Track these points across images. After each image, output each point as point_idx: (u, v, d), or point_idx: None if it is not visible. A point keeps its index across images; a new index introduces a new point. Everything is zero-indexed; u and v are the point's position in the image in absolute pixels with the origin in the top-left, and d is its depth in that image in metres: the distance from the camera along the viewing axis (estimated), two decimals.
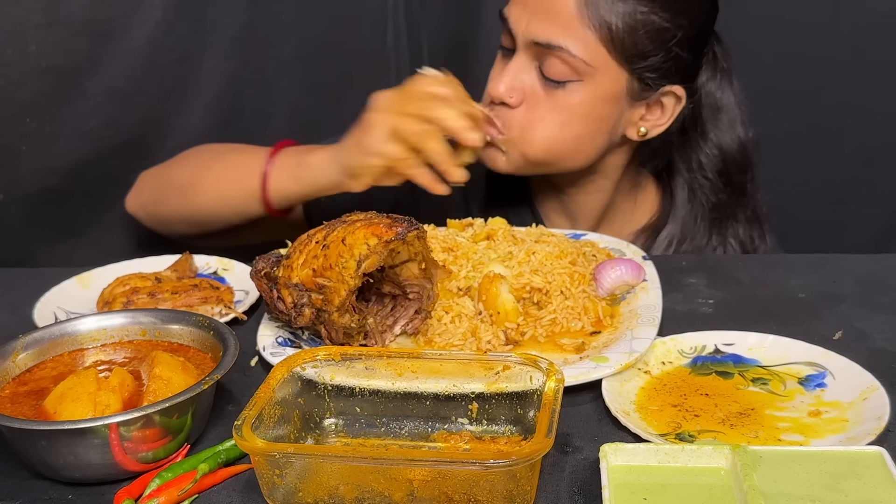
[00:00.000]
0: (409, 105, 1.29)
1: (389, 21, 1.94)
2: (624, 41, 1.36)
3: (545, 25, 1.36)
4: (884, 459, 0.83)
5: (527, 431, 0.93)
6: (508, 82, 1.41)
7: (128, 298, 1.21)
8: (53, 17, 1.65)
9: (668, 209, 1.58)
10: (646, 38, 1.37)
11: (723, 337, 1.10)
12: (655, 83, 1.42)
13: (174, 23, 1.75)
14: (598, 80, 1.38)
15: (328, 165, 1.37)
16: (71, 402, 0.90)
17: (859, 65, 1.89)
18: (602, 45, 1.36)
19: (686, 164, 1.57)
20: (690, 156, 1.56)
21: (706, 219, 1.56)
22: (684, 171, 1.57)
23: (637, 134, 1.47)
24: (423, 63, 2.01)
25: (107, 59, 1.71)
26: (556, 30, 1.36)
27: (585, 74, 1.37)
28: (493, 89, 1.41)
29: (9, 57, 1.64)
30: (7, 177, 1.72)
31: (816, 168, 1.98)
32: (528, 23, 1.38)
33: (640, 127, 1.47)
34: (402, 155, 1.28)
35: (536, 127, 1.41)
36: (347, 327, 1.05)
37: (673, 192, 1.58)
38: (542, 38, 1.36)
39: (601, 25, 1.35)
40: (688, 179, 1.57)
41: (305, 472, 0.83)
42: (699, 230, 1.56)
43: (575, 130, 1.42)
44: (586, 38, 1.35)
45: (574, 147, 1.44)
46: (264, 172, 1.42)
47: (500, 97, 1.41)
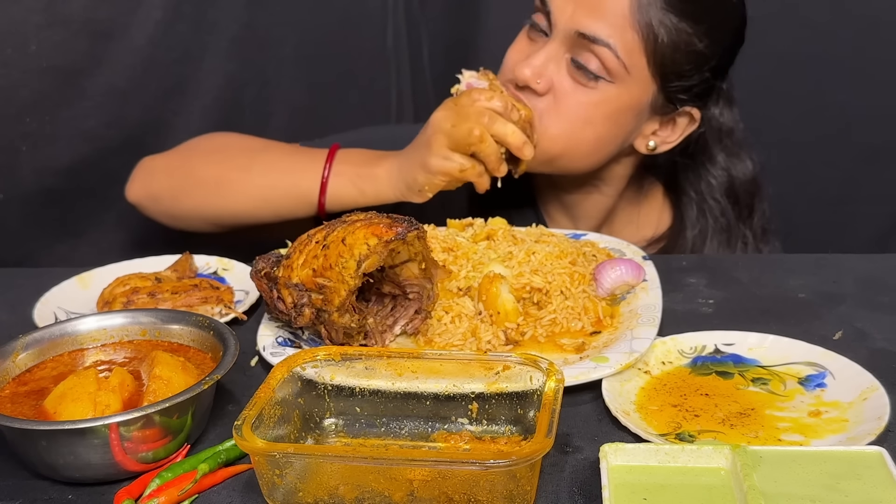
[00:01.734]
0: (468, 122, 1.31)
1: (389, 21, 1.94)
2: (664, 55, 1.36)
3: (594, 18, 1.35)
4: (884, 459, 0.83)
5: (527, 431, 0.93)
6: (537, 67, 1.38)
7: (128, 298, 1.21)
8: (53, 17, 1.65)
9: (678, 229, 1.58)
10: (684, 59, 1.38)
11: (723, 337, 1.10)
12: (680, 102, 1.43)
13: (174, 23, 1.75)
14: (628, 85, 1.37)
15: (393, 180, 1.38)
16: (71, 402, 0.90)
17: (860, 65, 1.90)
18: (643, 53, 1.35)
19: (694, 186, 1.56)
20: (699, 178, 1.56)
21: (715, 239, 1.55)
22: (692, 192, 1.57)
23: (646, 147, 1.47)
24: (423, 63, 2.01)
25: (107, 59, 1.72)
26: (604, 26, 1.34)
27: (618, 77, 1.36)
28: (519, 72, 1.39)
29: (9, 57, 1.64)
30: (7, 177, 1.72)
31: (816, 168, 1.98)
32: (575, 12, 1.36)
33: (651, 141, 1.47)
34: (466, 167, 1.33)
35: (560, 120, 1.39)
36: (347, 327, 1.05)
37: (683, 214, 1.58)
38: (589, 31, 1.34)
39: (648, 33, 1.34)
40: (696, 201, 1.56)
41: (305, 472, 0.83)
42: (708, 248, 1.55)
43: (596, 131, 1.41)
44: (632, 42, 1.35)
45: (591, 148, 1.43)
46: (324, 180, 1.41)
47: (526, 81, 1.39)
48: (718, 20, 1.40)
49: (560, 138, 1.40)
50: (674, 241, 1.57)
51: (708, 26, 1.37)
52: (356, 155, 1.45)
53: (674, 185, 1.59)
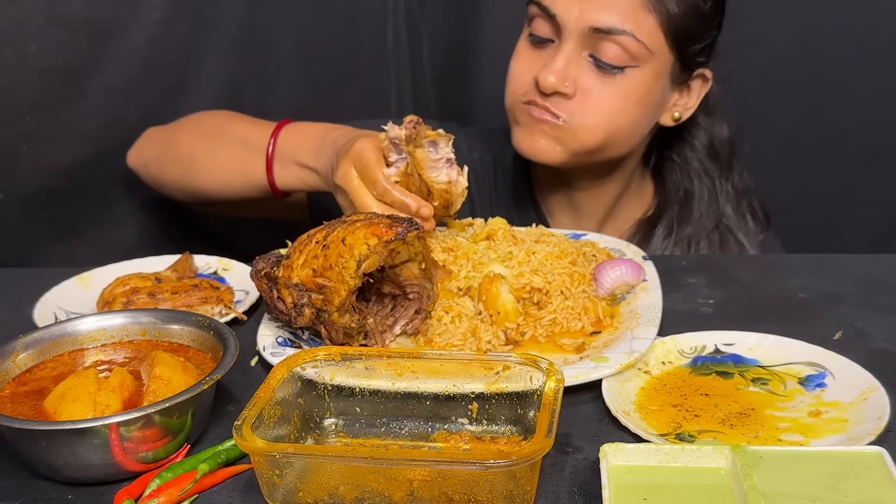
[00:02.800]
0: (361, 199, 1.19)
1: (389, 21, 1.94)
2: (678, 25, 1.38)
3: (604, 11, 1.36)
4: (884, 459, 0.83)
5: (527, 431, 0.93)
6: (560, 72, 1.39)
7: (128, 298, 1.21)
8: (53, 17, 1.65)
9: (664, 196, 1.60)
10: (695, 23, 1.40)
11: (723, 337, 1.10)
12: (695, 66, 1.46)
13: (174, 23, 1.75)
14: (652, 64, 1.40)
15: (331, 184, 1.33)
16: (71, 402, 0.90)
17: (859, 65, 1.90)
18: (660, 30, 1.38)
19: (677, 151, 1.59)
20: (682, 143, 1.58)
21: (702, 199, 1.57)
22: (675, 157, 1.59)
23: (671, 119, 1.50)
24: (423, 63, 2.01)
25: (107, 59, 1.71)
26: (618, 15, 1.36)
27: (642, 59, 1.38)
28: (544, 80, 1.39)
29: (9, 57, 1.64)
30: (7, 177, 1.72)
31: (817, 168, 1.98)
32: (583, 10, 1.37)
33: (675, 112, 1.49)
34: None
35: (596, 114, 1.40)
36: (347, 327, 1.05)
37: (666, 180, 1.60)
38: (604, 24, 1.36)
39: (660, 9, 1.37)
40: (679, 164, 1.59)
41: (305, 472, 0.83)
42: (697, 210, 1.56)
43: (632, 115, 1.43)
44: (648, 23, 1.37)
45: (629, 132, 1.45)
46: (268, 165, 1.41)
47: (553, 88, 1.39)
48: None
49: (598, 130, 1.42)
50: (661, 208, 1.59)
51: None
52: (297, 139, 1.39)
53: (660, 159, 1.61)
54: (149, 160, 1.60)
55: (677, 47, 1.41)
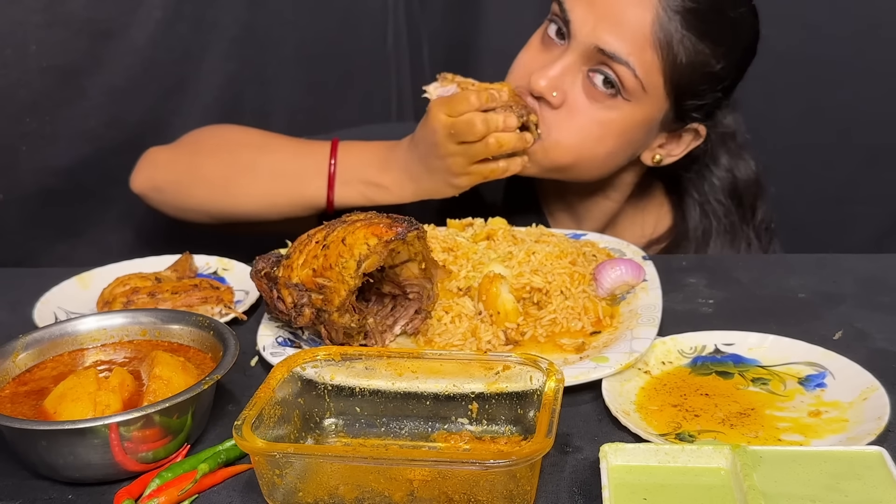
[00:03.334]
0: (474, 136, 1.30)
1: (389, 21, 1.94)
2: (682, 75, 1.35)
3: (615, 35, 1.33)
4: (884, 459, 0.83)
5: (527, 431, 0.93)
6: (554, 79, 1.37)
7: (128, 298, 1.21)
8: (53, 17, 1.65)
9: (681, 231, 1.57)
10: (700, 79, 1.37)
11: (723, 337, 1.10)
12: (689, 119, 1.43)
13: (174, 23, 1.75)
14: (642, 103, 1.36)
15: (407, 192, 1.38)
16: (71, 402, 0.90)
17: (860, 66, 1.90)
18: (661, 73, 1.34)
19: (697, 187, 1.56)
20: (702, 180, 1.56)
21: (719, 241, 1.55)
22: (695, 193, 1.56)
23: (651, 160, 1.47)
24: (423, 63, 2.01)
25: (107, 59, 1.72)
26: (625, 44, 1.32)
27: (634, 95, 1.35)
28: (535, 83, 1.37)
29: (9, 57, 1.64)
30: (7, 177, 1.72)
31: (816, 168, 1.98)
32: (596, 27, 1.34)
33: (656, 154, 1.46)
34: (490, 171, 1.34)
35: (573, 135, 1.38)
36: (347, 327, 1.05)
37: (685, 215, 1.57)
38: (609, 48, 1.33)
39: (668, 53, 1.33)
40: (699, 202, 1.56)
41: (305, 472, 0.83)
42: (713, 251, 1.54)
43: (608, 146, 1.40)
44: (650, 61, 1.33)
45: (600, 162, 1.42)
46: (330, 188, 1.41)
47: (541, 92, 1.37)
48: (736, 41, 1.40)
49: (571, 151, 1.39)
50: (677, 242, 1.57)
51: (726, 48, 1.37)
52: (358, 154, 1.43)
53: (675, 185, 1.59)
54: (164, 185, 1.52)
55: (674, 96, 1.38)
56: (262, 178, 1.46)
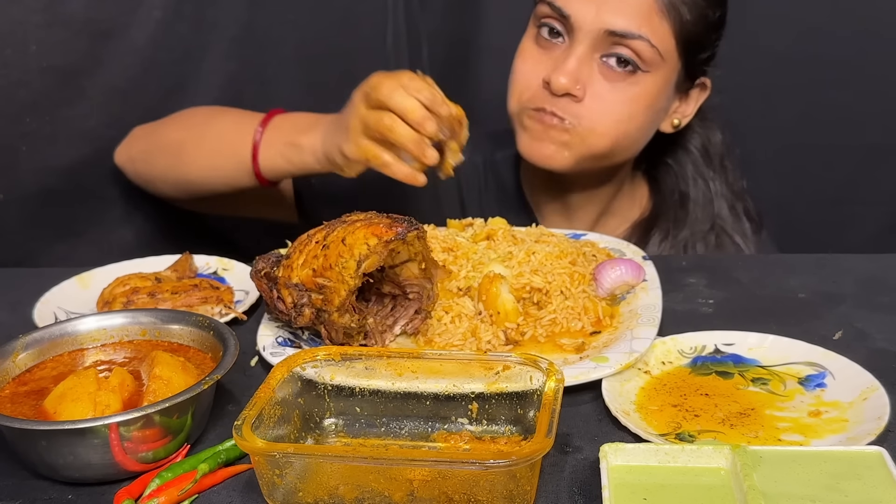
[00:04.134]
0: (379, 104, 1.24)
1: (389, 21, 1.94)
2: (689, 32, 1.38)
3: (620, 14, 1.35)
4: (884, 459, 0.83)
5: (527, 431, 0.93)
6: (573, 73, 1.37)
7: (128, 298, 1.21)
8: (53, 17, 1.65)
9: (658, 198, 1.59)
10: (704, 31, 1.40)
11: (723, 337, 1.10)
12: (698, 74, 1.46)
13: (174, 23, 1.75)
14: (663, 70, 1.39)
15: (318, 154, 1.36)
16: (71, 402, 0.90)
17: (860, 65, 1.90)
18: (672, 36, 1.37)
19: (672, 154, 1.58)
20: (676, 146, 1.58)
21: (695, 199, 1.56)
22: (670, 161, 1.59)
23: (671, 125, 1.50)
24: (423, 63, 2.01)
25: (107, 59, 1.71)
26: (634, 19, 1.35)
27: (654, 65, 1.37)
28: (556, 82, 1.37)
29: (9, 57, 1.64)
30: (7, 177, 1.72)
31: (816, 168, 1.98)
32: (599, 11, 1.36)
33: (674, 119, 1.49)
34: (381, 158, 1.25)
35: (606, 119, 1.39)
36: (347, 327, 1.05)
37: (660, 183, 1.60)
38: (619, 28, 1.35)
39: (674, 15, 1.36)
40: (675, 169, 1.58)
41: (305, 472, 0.83)
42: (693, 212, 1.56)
43: (640, 121, 1.42)
44: (660, 27, 1.36)
45: (636, 138, 1.45)
46: (254, 147, 1.41)
47: (564, 89, 1.37)
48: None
49: (608, 135, 1.41)
50: (656, 212, 1.58)
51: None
52: (290, 121, 1.43)
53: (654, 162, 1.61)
54: (136, 155, 1.60)
55: (686, 54, 1.41)
56: (207, 144, 1.49)
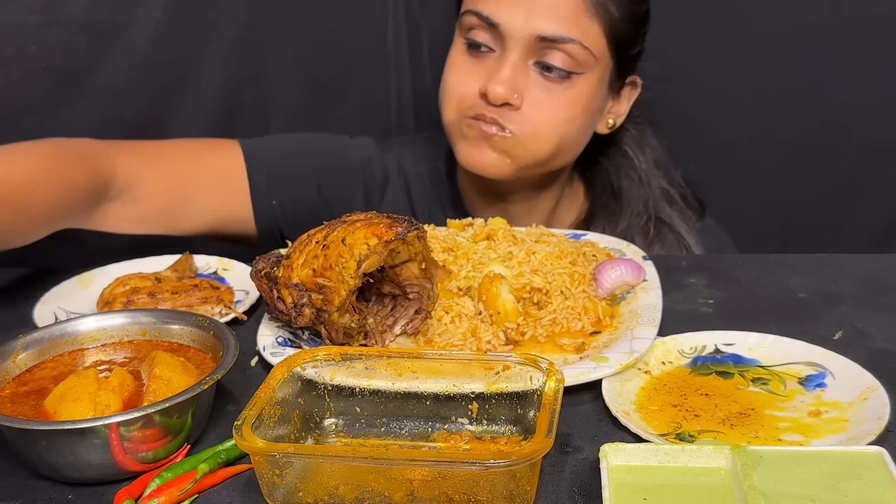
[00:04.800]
0: None
1: (389, 21, 1.94)
2: (619, 30, 1.38)
3: (551, 19, 1.35)
4: (884, 459, 0.83)
5: (527, 431, 0.93)
6: (508, 82, 1.37)
7: (128, 298, 1.21)
8: (53, 17, 1.65)
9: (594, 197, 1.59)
10: (632, 27, 1.40)
11: (723, 337, 1.10)
12: (628, 72, 1.46)
13: (174, 23, 1.75)
14: (596, 70, 1.39)
15: None
16: (71, 402, 0.90)
17: (860, 65, 1.89)
18: (604, 36, 1.37)
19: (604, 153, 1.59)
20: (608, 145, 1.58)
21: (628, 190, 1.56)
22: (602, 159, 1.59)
23: (606, 126, 1.49)
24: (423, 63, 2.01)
25: (107, 59, 1.71)
26: (564, 22, 1.34)
27: (587, 66, 1.37)
28: (492, 92, 1.37)
29: (9, 57, 1.64)
30: None
31: (817, 168, 1.98)
32: (528, 17, 1.35)
33: (608, 119, 1.49)
34: None
35: (546, 124, 1.39)
36: (347, 327, 1.05)
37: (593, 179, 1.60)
38: (551, 33, 1.34)
39: (604, 14, 1.36)
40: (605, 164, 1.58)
41: (305, 472, 0.83)
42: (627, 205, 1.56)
43: (579, 123, 1.42)
44: (592, 29, 1.36)
45: (576, 140, 1.44)
46: None
47: (502, 98, 1.37)
48: None
49: (549, 142, 1.40)
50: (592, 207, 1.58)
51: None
52: None
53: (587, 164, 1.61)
54: None
55: (617, 53, 1.40)
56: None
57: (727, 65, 1.84)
